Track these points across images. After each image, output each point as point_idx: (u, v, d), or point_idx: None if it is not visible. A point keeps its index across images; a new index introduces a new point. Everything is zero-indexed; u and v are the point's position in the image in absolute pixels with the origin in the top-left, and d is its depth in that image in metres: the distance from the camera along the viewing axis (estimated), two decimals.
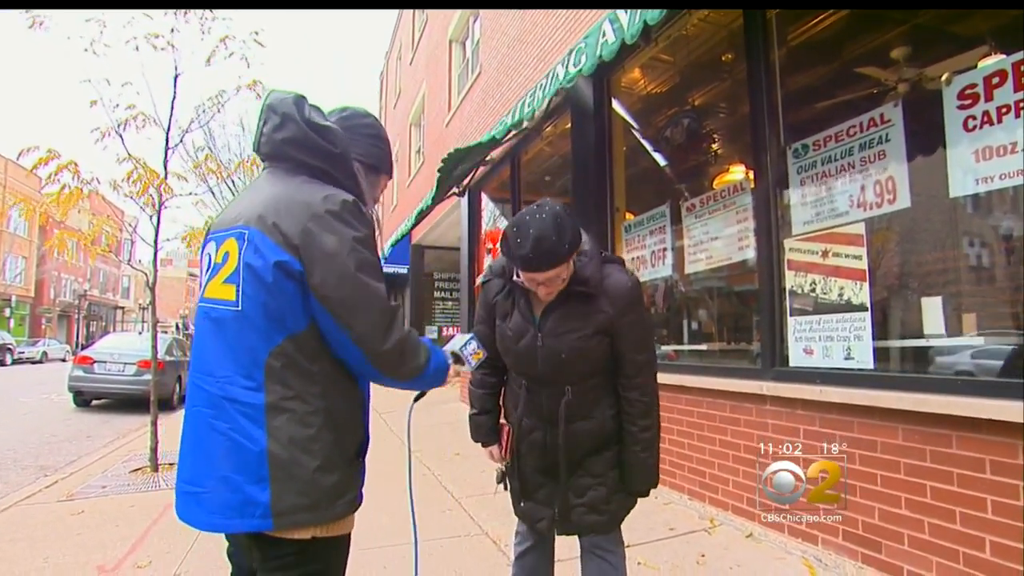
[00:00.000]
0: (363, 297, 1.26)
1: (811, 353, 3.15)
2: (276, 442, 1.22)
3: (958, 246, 2.97)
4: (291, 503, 1.22)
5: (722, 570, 2.86)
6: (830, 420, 2.91)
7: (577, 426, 1.82)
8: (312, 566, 1.28)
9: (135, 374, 10.10)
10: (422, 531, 3.47)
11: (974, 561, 2.31)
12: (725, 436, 3.59)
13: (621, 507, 1.87)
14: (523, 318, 1.82)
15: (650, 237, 4.75)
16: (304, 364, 1.26)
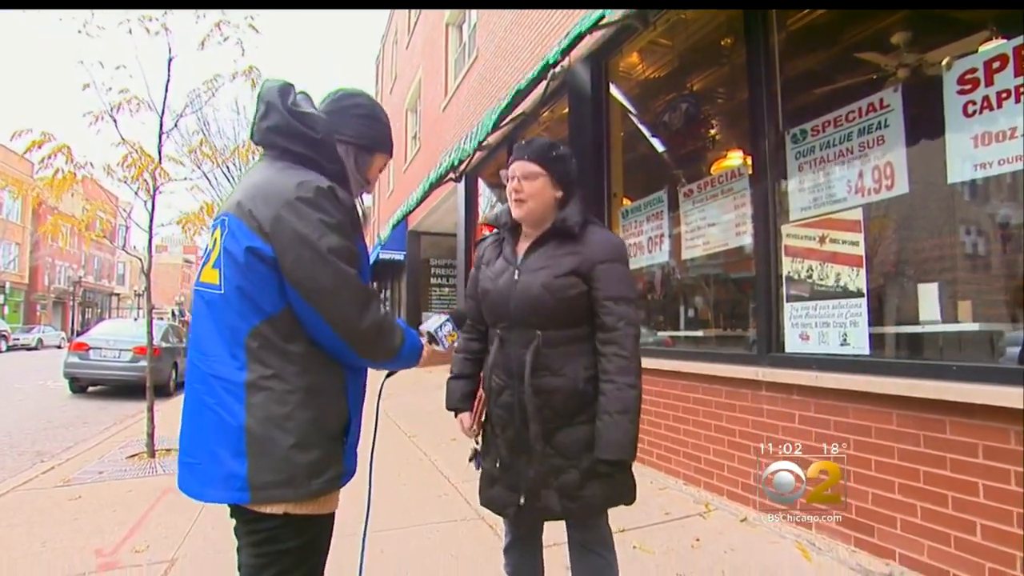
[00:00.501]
0: (335, 282, 1.29)
1: (807, 339, 3.16)
2: (253, 418, 1.27)
3: (955, 233, 2.97)
4: (266, 478, 1.26)
5: (716, 554, 2.90)
6: (825, 406, 2.93)
7: (545, 381, 1.73)
8: (289, 543, 1.31)
9: (131, 360, 10.09)
10: (419, 515, 3.55)
11: (965, 544, 2.34)
12: (720, 422, 3.61)
13: (597, 497, 1.74)
14: (505, 261, 1.87)
15: (647, 223, 4.74)
16: (281, 345, 1.30)
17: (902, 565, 2.56)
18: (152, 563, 2.93)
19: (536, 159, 1.80)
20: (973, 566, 2.31)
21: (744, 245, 3.78)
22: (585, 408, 1.73)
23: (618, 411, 1.68)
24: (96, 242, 6.85)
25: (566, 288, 1.74)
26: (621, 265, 1.78)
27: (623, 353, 1.70)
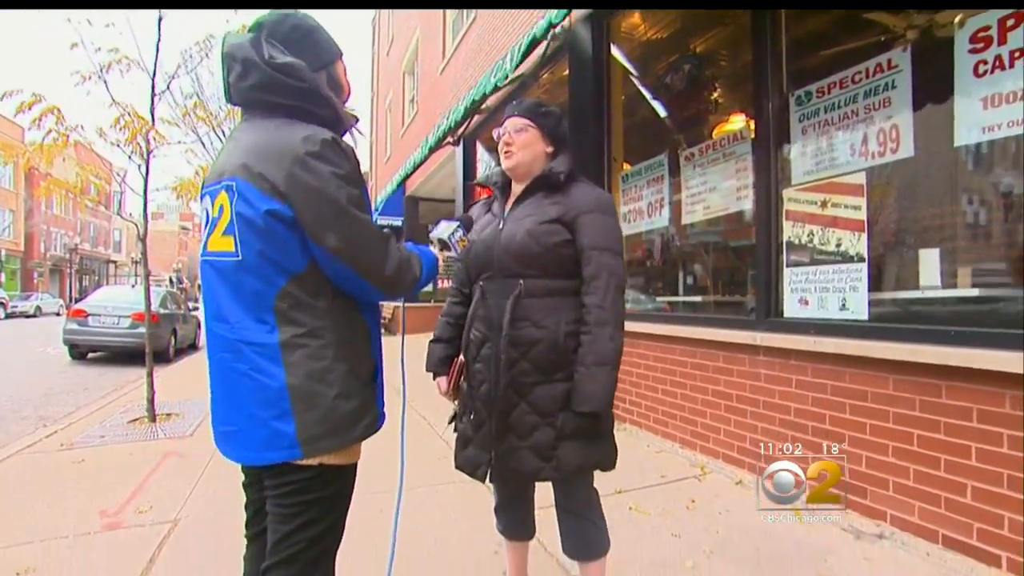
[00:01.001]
0: (358, 232, 1.31)
1: (806, 304, 3.16)
2: (294, 376, 1.28)
3: (958, 199, 2.94)
4: (315, 431, 1.29)
5: (711, 515, 2.95)
6: (822, 370, 2.95)
7: (525, 332, 1.72)
8: (318, 493, 1.34)
9: (130, 327, 10.12)
10: (417, 478, 3.60)
11: (955, 505, 2.39)
12: (717, 386, 3.64)
13: (571, 458, 1.71)
14: (493, 215, 1.89)
15: (647, 187, 4.69)
16: (309, 301, 1.31)
17: (892, 526, 2.62)
18: (155, 523, 2.99)
19: (525, 114, 1.84)
20: (962, 526, 2.36)
21: (745, 210, 3.75)
22: (564, 365, 1.71)
23: (594, 363, 1.66)
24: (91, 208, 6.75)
25: (550, 235, 1.73)
26: (605, 216, 1.77)
27: (603, 304, 1.69)
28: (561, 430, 1.71)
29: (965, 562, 2.33)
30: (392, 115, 17.01)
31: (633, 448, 4.03)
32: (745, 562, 2.46)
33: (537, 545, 2.52)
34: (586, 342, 1.69)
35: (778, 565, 2.42)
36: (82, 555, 2.64)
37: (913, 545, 2.50)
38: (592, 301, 1.70)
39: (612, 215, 1.80)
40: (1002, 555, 2.23)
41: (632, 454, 3.81)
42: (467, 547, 2.68)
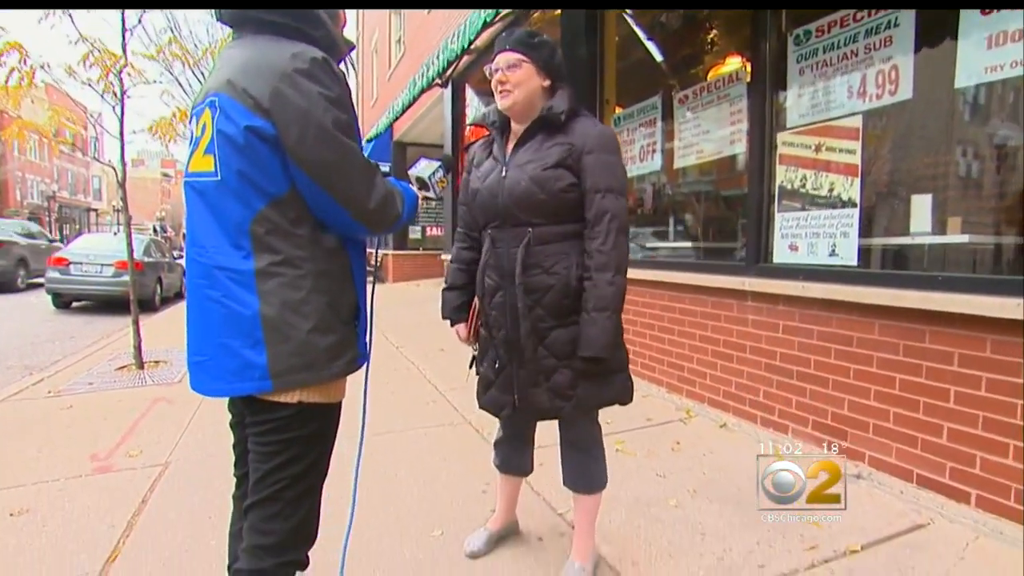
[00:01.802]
0: (342, 157, 1.26)
1: (796, 250, 3.16)
2: (268, 305, 1.24)
3: (953, 146, 2.89)
4: (287, 364, 1.26)
5: (695, 456, 3.03)
6: (809, 316, 2.97)
7: (537, 279, 1.73)
8: (299, 431, 1.32)
9: (113, 275, 10.00)
10: (407, 421, 3.66)
11: (931, 446, 2.46)
12: (705, 331, 3.67)
13: (589, 395, 1.77)
14: (494, 159, 1.86)
15: (640, 130, 4.60)
16: (288, 228, 1.26)
17: (870, 466, 2.70)
18: (146, 466, 3.02)
19: (517, 47, 1.75)
20: (936, 466, 2.44)
21: (738, 154, 3.69)
22: (579, 308, 1.72)
23: (596, 308, 1.67)
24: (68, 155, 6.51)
25: (554, 180, 1.70)
26: (609, 155, 1.73)
27: (604, 248, 1.68)
28: (579, 371, 1.74)
29: (936, 499, 2.41)
30: (378, 56, 16.43)
31: (633, 385, 4.06)
32: (727, 501, 2.53)
33: (526, 486, 2.58)
34: (588, 287, 1.69)
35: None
36: (75, 497, 2.68)
37: (889, 484, 2.59)
38: (595, 246, 1.69)
39: (615, 153, 1.76)
40: (972, 492, 2.32)
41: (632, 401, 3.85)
42: (456, 486, 2.74)
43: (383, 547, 2.23)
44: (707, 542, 2.22)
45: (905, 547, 2.15)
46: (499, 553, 2.19)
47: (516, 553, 2.19)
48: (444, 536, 2.30)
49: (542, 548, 2.22)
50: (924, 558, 2.08)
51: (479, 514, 2.43)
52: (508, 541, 2.26)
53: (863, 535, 2.20)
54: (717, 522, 2.36)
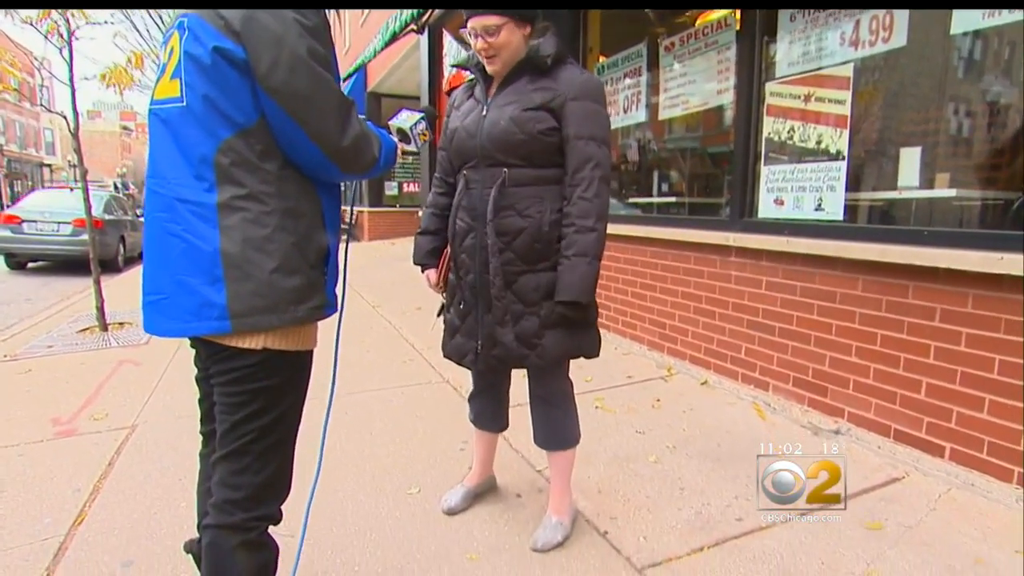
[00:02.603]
0: (316, 89, 1.22)
1: (781, 204, 3.16)
2: (229, 241, 1.21)
3: (945, 100, 2.88)
4: (248, 304, 1.22)
5: (676, 413, 3.08)
6: (793, 272, 2.99)
7: (509, 221, 1.74)
8: (265, 380, 1.30)
9: (71, 234, 9.71)
10: (383, 380, 3.67)
11: (909, 401, 2.52)
12: (688, 288, 3.70)
13: (555, 345, 1.78)
14: (476, 100, 1.85)
15: (624, 80, 4.51)
16: (255, 162, 1.23)
17: (849, 422, 2.77)
18: (112, 429, 2.99)
19: (491, 7, 1.68)
20: (913, 421, 2.51)
21: (725, 105, 3.64)
22: (548, 254, 1.75)
23: (576, 253, 1.69)
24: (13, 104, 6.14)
25: (534, 122, 1.70)
26: (594, 103, 1.73)
27: (586, 195, 1.70)
28: (545, 319, 1.76)
29: (911, 453, 2.49)
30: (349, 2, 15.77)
31: (601, 350, 4.10)
32: (707, 457, 2.59)
33: (503, 443, 2.61)
34: (568, 233, 1.71)
35: (738, 459, 2.56)
36: (36, 462, 2.64)
37: (866, 440, 2.66)
38: (576, 193, 1.70)
39: (601, 102, 1.76)
40: (946, 446, 2.39)
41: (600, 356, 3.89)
42: (434, 444, 2.76)
43: (358, 505, 2.25)
44: (686, 496, 2.27)
45: (880, 500, 2.23)
46: (476, 509, 2.21)
47: (494, 509, 2.22)
48: (421, 493, 2.32)
49: (520, 504, 2.26)
50: (898, 509, 2.15)
51: (457, 471, 2.45)
52: (486, 497, 2.28)
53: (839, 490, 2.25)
54: (696, 477, 2.41)
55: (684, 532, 2.05)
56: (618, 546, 1.98)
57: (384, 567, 1.89)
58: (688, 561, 1.90)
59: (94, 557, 1.95)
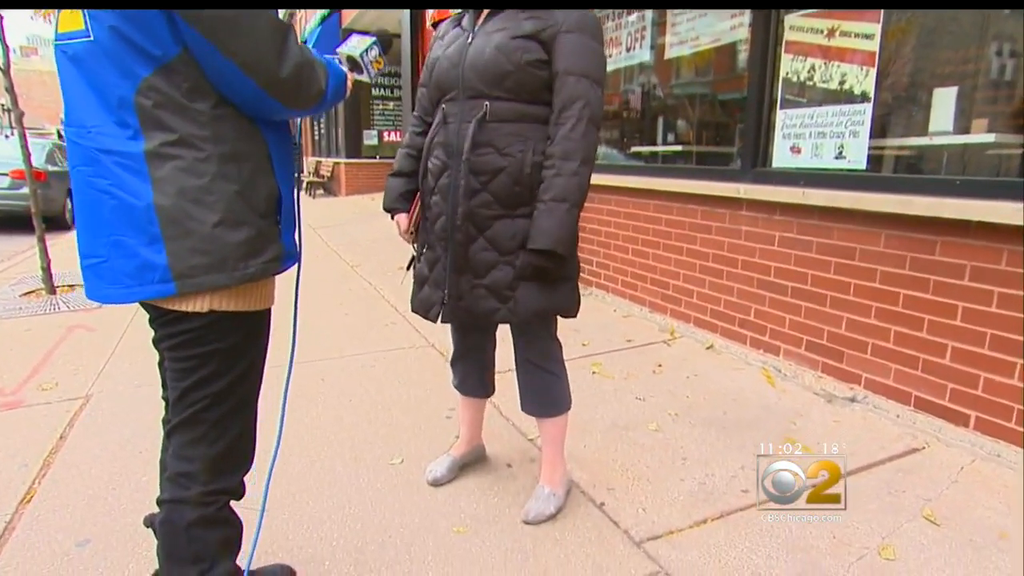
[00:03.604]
0: (244, 12, 1.14)
1: (798, 152, 3.11)
2: (162, 195, 1.16)
3: (987, 36, 2.80)
4: (191, 263, 1.19)
5: (678, 379, 3.09)
6: (808, 226, 2.96)
7: (488, 159, 1.71)
8: (216, 343, 1.27)
9: (9, 187, 9.45)
10: (363, 344, 3.66)
11: (932, 367, 2.53)
12: (693, 245, 3.67)
13: (529, 299, 1.76)
14: (462, 29, 1.81)
15: (628, 15, 4.38)
16: (183, 102, 1.17)
17: (866, 389, 2.78)
18: (63, 400, 2.95)
19: None
20: (936, 388, 2.51)
21: (738, 42, 3.55)
22: (528, 199, 1.73)
23: (554, 198, 1.67)
24: None
25: (522, 52, 1.67)
26: (588, 38, 1.70)
27: (572, 135, 1.66)
28: (520, 270, 1.74)
29: (933, 423, 2.51)
30: None
31: (598, 312, 4.13)
32: (711, 425, 2.60)
33: (493, 410, 2.62)
34: (548, 176, 1.69)
35: (745, 428, 2.57)
36: None
37: (884, 408, 2.67)
38: (560, 131, 1.67)
39: (598, 39, 1.73)
40: (971, 415, 2.41)
41: (597, 318, 3.94)
42: (418, 412, 2.76)
43: (335, 476, 2.25)
44: (688, 467, 2.29)
45: (898, 471, 2.24)
46: (464, 480, 2.23)
47: (482, 480, 2.23)
48: (404, 464, 2.33)
49: (511, 475, 2.27)
50: (916, 481, 2.17)
51: (442, 441, 2.46)
52: (474, 468, 2.29)
53: (854, 459, 2.28)
54: (699, 446, 2.43)
55: (686, 504, 2.06)
56: (615, 518, 1.99)
57: (363, 541, 1.89)
58: (690, 534, 1.92)
59: (45, 536, 1.93)
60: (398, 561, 1.81)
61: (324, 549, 1.87)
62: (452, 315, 1.85)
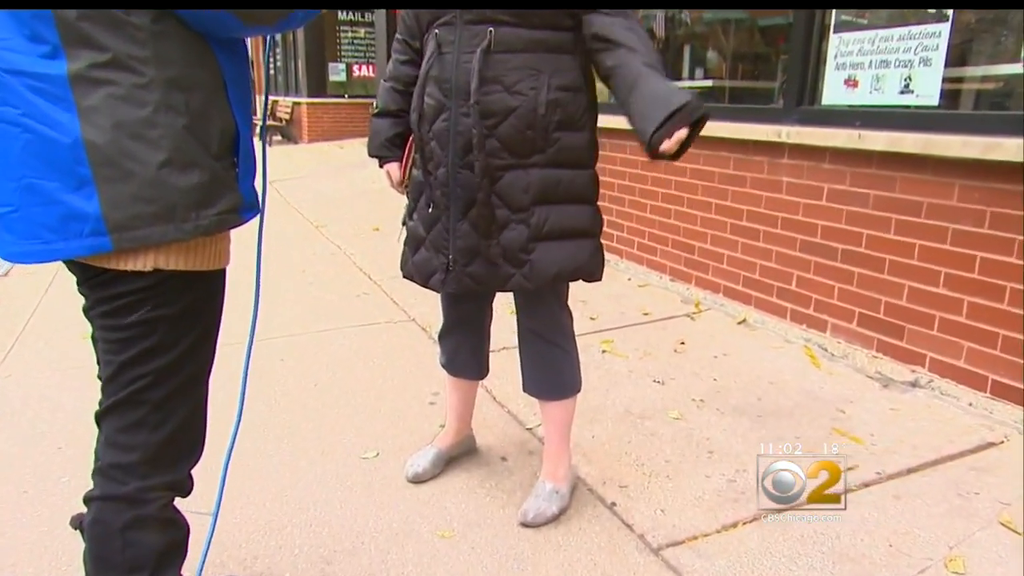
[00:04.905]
0: None
1: (854, 86, 3.08)
2: (95, 128, 1.10)
3: None
4: (132, 212, 1.14)
5: (703, 359, 3.07)
6: (865, 176, 2.92)
7: (495, 99, 1.66)
8: (163, 309, 1.24)
9: None
10: (332, 319, 3.68)
11: (1014, 345, 2.49)
12: (724, 200, 3.64)
13: (548, 262, 1.76)
14: None
15: None
16: (116, 13, 1.09)
17: (931, 372, 2.75)
18: None
19: None
20: (1019, 370, 2.48)
21: None
22: (543, 145, 1.70)
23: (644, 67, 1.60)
24: None
25: None
26: None
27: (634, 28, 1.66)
28: (537, 228, 1.73)
29: (1013, 412, 2.48)
30: None
31: (610, 281, 4.03)
32: (743, 413, 2.59)
33: (485, 394, 2.62)
34: (617, 71, 1.64)
35: (783, 417, 2.56)
36: None
37: (954, 394, 2.65)
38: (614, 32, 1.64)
39: None
40: None
41: (608, 288, 3.87)
42: (397, 397, 2.77)
43: (300, 473, 2.25)
44: (715, 462, 2.28)
45: (970, 469, 2.22)
46: (450, 476, 2.23)
47: (472, 475, 2.23)
48: (380, 458, 2.33)
49: (506, 470, 2.27)
50: (992, 481, 2.14)
51: (426, 430, 2.45)
52: (462, 461, 2.30)
53: (915, 455, 2.26)
54: (729, 438, 2.42)
55: (713, 505, 2.05)
56: (629, 521, 1.99)
57: (331, 550, 1.88)
58: (717, 540, 1.91)
59: None
60: (372, 572, 1.80)
61: (284, 559, 1.85)
62: (457, 283, 1.83)
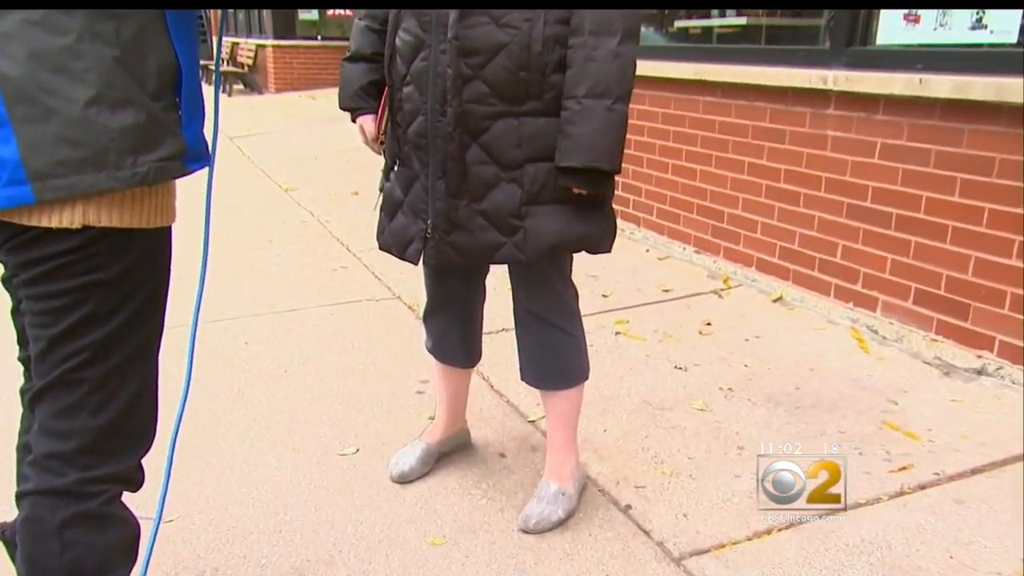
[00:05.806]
0: None
1: (915, 22, 3.05)
2: (7, 58, 1.11)
3: None
4: (56, 156, 1.13)
5: (733, 342, 3.07)
6: (926, 129, 2.88)
7: (482, 32, 1.64)
8: (98, 273, 1.22)
9: None
10: (306, 296, 3.70)
11: None
12: (759, 158, 3.62)
13: (545, 231, 1.75)
14: None
15: None
16: None
17: (1001, 357, 2.73)
18: None
19: None
20: None
21: None
22: (538, 90, 1.69)
23: (590, 93, 1.63)
24: None
25: None
26: None
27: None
28: (531, 190, 1.72)
29: None
30: None
31: (624, 252, 4.10)
32: (779, 403, 2.59)
33: (481, 382, 2.63)
34: (576, 60, 1.65)
35: (826, 409, 2.55)
36: None
37: None
38: None
39: None
40: None
41: (622, 260, 3.92)
42: (379, 385, 2.79)
43: (268, 472, 2.26)
44: (745, 459, 2.29)
45: None
46: (441, 475, 2.24)
47: (466, 474, 2.25)
48: (360, 454, 2.35)
49: (505, 468, 2.28)
50: None
51: (413, 423, 2.47)
52: (455, 459, 2.31)
53: (981, 453, 2.25)
54: (761, 432, 2.43)
55: (743, 508, 2.06)
56: (646, 526, 2.00)
57: (304, 560, 1.89)
58: (748, 548, 1.92)
59: None
60: None
61: (250, 570, 1.86)
62: (438, 255, 1.81)
